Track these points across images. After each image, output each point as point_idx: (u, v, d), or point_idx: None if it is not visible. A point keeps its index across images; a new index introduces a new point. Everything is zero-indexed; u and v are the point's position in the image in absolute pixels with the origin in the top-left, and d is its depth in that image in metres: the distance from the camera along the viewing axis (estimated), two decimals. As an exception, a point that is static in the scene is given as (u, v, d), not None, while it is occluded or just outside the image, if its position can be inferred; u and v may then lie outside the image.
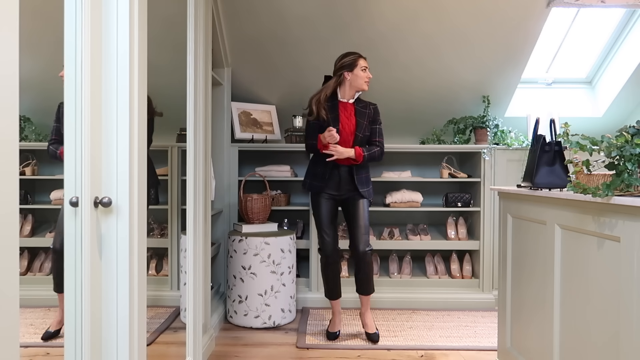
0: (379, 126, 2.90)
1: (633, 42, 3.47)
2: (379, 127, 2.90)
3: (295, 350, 2.68)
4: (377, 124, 2.90)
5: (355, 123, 2.82)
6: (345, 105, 2.85)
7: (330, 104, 2.84)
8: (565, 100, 3.85)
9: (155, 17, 1.75)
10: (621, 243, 1.40)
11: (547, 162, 1.91)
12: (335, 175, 2.84)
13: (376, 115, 2.90)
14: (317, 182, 2.85)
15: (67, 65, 1.28)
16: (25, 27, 1.61)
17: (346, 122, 2.82)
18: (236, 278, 3.05)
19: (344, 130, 2.81)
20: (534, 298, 1.98)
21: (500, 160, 3.46)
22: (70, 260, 1.30)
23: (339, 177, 2.83)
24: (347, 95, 2.85)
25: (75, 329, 1.30)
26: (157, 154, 3.02)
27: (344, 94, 2.84)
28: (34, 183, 2.47)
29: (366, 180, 2.88)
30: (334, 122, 2.80)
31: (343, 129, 2.80)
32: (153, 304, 2.90)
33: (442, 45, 3.31)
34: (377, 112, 2.92)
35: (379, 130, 2.90)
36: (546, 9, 3.06)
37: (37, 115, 2.61)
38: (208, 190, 2.62)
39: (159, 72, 2.27)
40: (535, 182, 1.89)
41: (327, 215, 2.85)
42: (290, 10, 3.11)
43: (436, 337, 2.87)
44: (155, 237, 3.08)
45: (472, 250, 3.62)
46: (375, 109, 2.91)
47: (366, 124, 2.84)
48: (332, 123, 2.79)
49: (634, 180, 1.39)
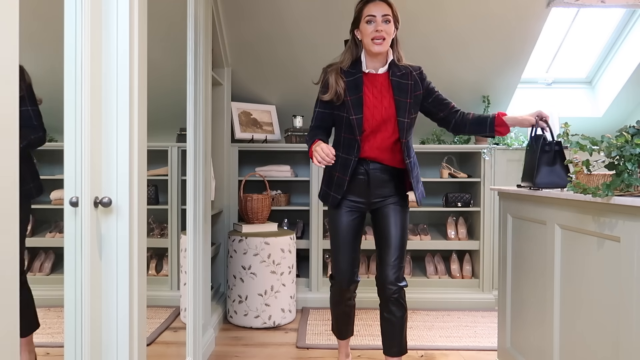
0: (437, 92, 2.09)
1: (633, 42, 3.47)
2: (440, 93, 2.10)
3: (295, 350, 2.68)
4: (435, 90, 2.09)
5: (395, 103, 1.98)
6: (375, 78, 2.01)
7: (352, 78, 2.00)
8: (565, 100, 3.86)
9: (155, 17, 1.75)
10: (621, 243, 1.40)
11: (548, 162, 1.90)
12: (362, 175, 2.03)
13: (425, 84, 2.07)
14: (334, 192, 2.05)
15: (67, 65, 1.28)
16: (25, 27, 1.61)
17: (376, 105, 1.99)
18: (236, 278, 3.05)
19: (374, 118, 1.98)
20: (534, 298, 1.98)
21: (500, 160, 3.46)
22: (70, 260, 1.30)
23: (366, 178, 2.03)
24: (372, 64, 2.02)
25: (75, 328, 1.30)
26: (157, 154, 3.02)
27: (368, 62, 2.02)
28: (34, 183, 2.47)
29: (417, 178, 2.11)
30: (355, 106, 1.96)
31: (372, 115, 1.98)
32: (153, 304, 2.90)
33: (441, 45, 3.31)
34: (424, 77, 2.07)
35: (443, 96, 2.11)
36: (546, 9, 3.06)
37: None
38: (208, 190, 2.62)
39: (159, 72, 2.27)
40: (536, 182, 1.89)
41: (346, 232, 2.07)
42: (290, 10, 3.10)
43: (436, 337, 2.87)
44: (155, 237, 3.08)
45: (472, 250, 3.62)
46: (421, 75, 2.06)
47: (410, 102, 1.99)
48: (354, 108, 1.96)
49: (634, 180, 1.39)
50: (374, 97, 1.99)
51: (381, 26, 1.92)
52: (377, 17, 1.93)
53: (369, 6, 1.95)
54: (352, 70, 2.01)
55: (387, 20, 1.94)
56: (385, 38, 1.94)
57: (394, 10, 1.98)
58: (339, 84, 1.98)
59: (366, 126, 1.98)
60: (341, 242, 2.06)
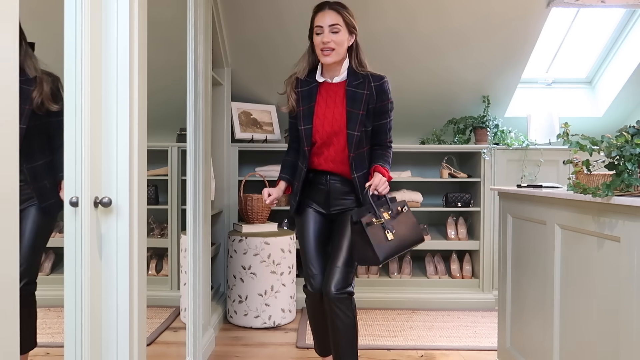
0: (388, 120, 1.95)
1: (633, 42, 3.47)
2: (389, 121, 1.96)
3: (295, 350, 2.68)
4: (387, 115, 1.94)
5: (346, 114, 1.88)
6: (330, 88, 1.93)
7: (307, 87, 1.95)
8: (565, 100, 3.86)
9: (156, 17, 1.75)
10: (621, 243, 1.40)
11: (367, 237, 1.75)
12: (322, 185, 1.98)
13: (382, 99, 1.90)
14: (292, 199, 2.06)
15: (67, 65, 1.28)
16: (25, 28, 1.61)
17: (327, 115, 1.91)
18: (236, 278, 3.05)
19: (323, 129, 1.90)
20: (534, 298, 1.98)
21: (500, 160, 3.46)
22: (70, 260, 1.30)
23: (326, 188, 1.98)
24: (328, 73, 1.94)
25: (75, 328, 1.30)
26: (157, 154, 3.02)
27: (325, 71, 1.95)
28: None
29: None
30: (306, 116, 1.93)
31: (322, 126, 1.91)
32: (153, 304, 2.90)
33: (441, 45, 3.31)
34: (384, 90, 1.90)
35: (389, 126, 1.97)
36: (546, 9, 3.06)
37: (37, 115, 2.60)
38: (208, 190, 2.62)
39: (159, 72, 2.27)
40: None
41: (314, 238, 1.99)
42: (290, 9, 3.10)
43: (436, 337, 2.87)
44: (155, 237, 3.08)
45: (472, 250, 3.62)
46: (382, 87, 1.90)
47: (362, 114, 1.87)
48: (304, 118, 1.93)
49: (634, 180, 1.39)
50: (326, 106, 1.92)
51: (328, 37, 1.84)
52: (324, 28, 1.85)
53: (317, 16, 1.88)
54: (309, 79, 1.97)
55: (335, 30, 1.85)
56: (335, 48, 1.85)
57: (345, 18, 1.88)
58: (292, 95, 1.97)
59: (317, 137, 1.93)
60: (308, 248, 1.97)
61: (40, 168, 1.83)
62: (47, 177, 1.84)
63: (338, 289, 1.85)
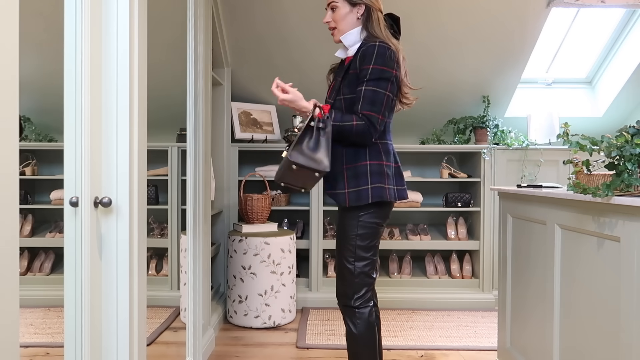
0: (365, 86, 1.66)
1: (633, 42, 3.47)
2: (366, 89, 1.66)
3: (295, 350, 2.68)
4: (363, 82, 1.67)
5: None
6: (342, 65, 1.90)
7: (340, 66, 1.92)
8: (565, 100, 3.85)
9: (155, 17, 1.75)
10: (621, 243, 1.40)
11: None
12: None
13: (363, 63, 1.67)
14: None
15: (67, 65, 1.28)
16: (25, 28, 1.61)
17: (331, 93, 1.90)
18: (236, 278, 3.05)
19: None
20: (534, 298, 1.98)
21: (500, 160, 3.46)
22: (70, 260, 1.30)
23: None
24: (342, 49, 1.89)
25: (75, 328, 1.30)
26: (157, 154, 3.02)
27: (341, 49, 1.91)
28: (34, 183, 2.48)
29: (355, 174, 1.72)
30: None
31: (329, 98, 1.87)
32: (153, 304, 2.90)
33: (441, 45, 3.31)
34: (367, 54, 1.67)
35: (365, 94, 1.65)
36: (546, 9, 3.06)
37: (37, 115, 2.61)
38: (208, 190, 2.62)
39: (159, 72, 2.27)
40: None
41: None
42: (290, 10, 3.10)
43: (436, 337, 2.87)
44: (155, 237, 3.08)
45: (472, 250, 3.62)
46: (366, 51, 1.68)
47: (340, 80, 1.76)
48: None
49: (634, 180, 1.39)
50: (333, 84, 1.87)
51: (328, 16, 1.81)
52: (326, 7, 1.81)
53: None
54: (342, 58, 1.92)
55: (333, 7, 1.79)
56: (336, 26, 1.80)
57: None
58: (329, 78, 1.96)
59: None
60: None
61: None
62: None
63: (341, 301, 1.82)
